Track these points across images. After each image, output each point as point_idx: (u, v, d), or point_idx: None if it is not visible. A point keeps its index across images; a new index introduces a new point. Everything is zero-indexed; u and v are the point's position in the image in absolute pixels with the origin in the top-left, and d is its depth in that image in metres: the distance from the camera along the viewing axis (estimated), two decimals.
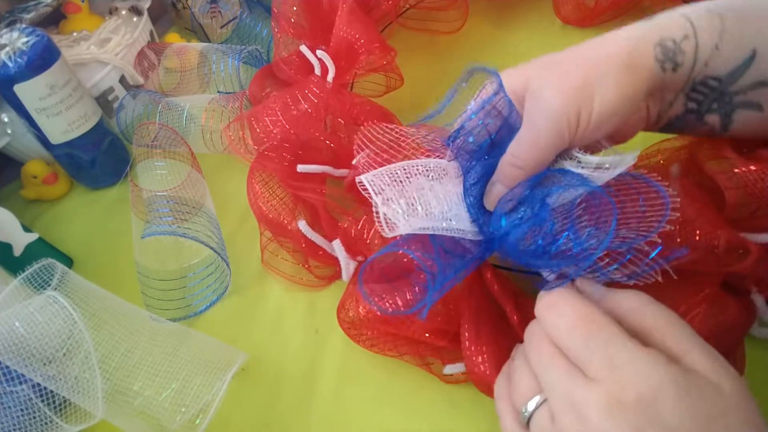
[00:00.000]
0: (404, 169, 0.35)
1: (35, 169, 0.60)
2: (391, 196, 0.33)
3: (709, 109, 0.34)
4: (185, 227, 0.46)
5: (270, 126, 0.48)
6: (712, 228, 0.33)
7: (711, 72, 0.33)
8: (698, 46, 0.32)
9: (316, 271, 0.46)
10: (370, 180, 0.33)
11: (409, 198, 0.33)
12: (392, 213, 0.32)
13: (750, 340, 0.36)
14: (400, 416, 0.40)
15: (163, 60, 0.65)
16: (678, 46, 0.32)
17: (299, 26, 0.56)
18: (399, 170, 0.35)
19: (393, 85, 0.55)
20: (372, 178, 0.34)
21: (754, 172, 0.34)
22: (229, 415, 0.41)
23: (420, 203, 0.33)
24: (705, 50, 0.32)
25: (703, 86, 0.33)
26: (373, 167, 0.37)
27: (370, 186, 0.33)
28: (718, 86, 0.33)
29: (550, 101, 0.31)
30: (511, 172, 0.33)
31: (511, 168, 0.33)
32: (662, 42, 0.32)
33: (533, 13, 0.65)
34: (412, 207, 0.33)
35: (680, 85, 0.33)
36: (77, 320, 0.36)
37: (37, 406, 0.37)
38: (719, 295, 0.34)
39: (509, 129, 0.34)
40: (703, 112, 0.35)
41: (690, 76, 0.33)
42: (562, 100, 0.31)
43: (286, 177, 0.45)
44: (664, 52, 0.32)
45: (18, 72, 0.49)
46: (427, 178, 0.35)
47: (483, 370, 0.34)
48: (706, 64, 0.32)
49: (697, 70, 0.33)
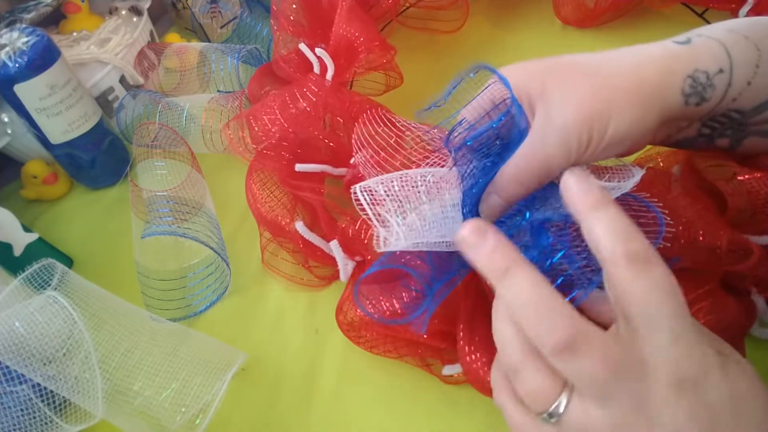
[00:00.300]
0: (401, 179, 0.34)
1: (35, 169, 0.60)
2: (386, 212, 0.32)
3: (722, 134, 0.33)
4: (185, 227, 0.46)
5: (269, 125, 0.48)
6: (714, 229, 0.33)
7: (736, 106, 0.31)
8: (731, 83, 0.30)
9: (316, 271, 0.46)
10: (363, 193, 0.32)
11: (406, 214, 0.32)
12: (387, 231, 0.31)
13: (750, 341, 0.36)
14: (400, 416, 0.39)
15: (163, 60, 0.65)
16: (710, 81, 0.30)
17: (298, 24, 0.56)
18: (396, 181, 0.33)
19: (392, 83, 0.55)
20: (366, 190, 0.32)
21: (758, 179, 0.34)
22: (229, 415, 0.41)
23: (417, 220, 0.32)
24: (737, 87, 0.30)
25: (724, 117, 0.32)
26: (372, 166, 0.37)
27: (363, 199, 0.32)
28: (739, 118, 0.32)
29: (565, 119, 0.30)
30: (510, 186, 0.32)
31: (511, 183, 0.31)
32: (694, 74, 0.30)
33: (533, 14, 0.65)
34: (409, 225, 0.31)
35: (700, 116, 0.32)
36: (77, 320, 0.36)
37: (37, 406, 0.37)
38: (719, 293, 0.34)
39: (513, 132, 0.32)
40: (716, 137, 0.33)
41: (714, 109, 0.31)
42: (578, 120, 0.29)
43: (285, 176, 0.45)
44: (692, 86, 0.30)
45: (18, 72, 0.49)
46: (425, 192, 0.34)
47: (478, 369, 0.34)
48: (734, 100, 0.31)
49: (724, 104, 0.31)
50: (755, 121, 0.32)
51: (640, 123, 0.30)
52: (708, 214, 0.33)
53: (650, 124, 0.31)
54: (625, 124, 0.30)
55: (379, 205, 0.32)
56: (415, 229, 0.31)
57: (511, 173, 0.31)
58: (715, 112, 0.32)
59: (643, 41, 0.33)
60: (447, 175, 0.35)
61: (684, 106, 0.31)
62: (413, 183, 0.34)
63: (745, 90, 0.31)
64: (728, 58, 0.30)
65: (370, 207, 0.32)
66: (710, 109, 0.31)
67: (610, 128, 0.30)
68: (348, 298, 0.42)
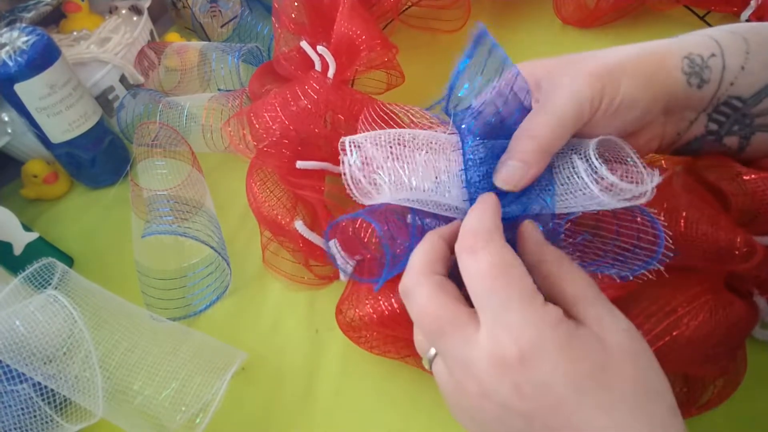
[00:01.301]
0: (394, 136, 0.32)
1: (35, 168, 0.59)
2: (374, 160, 0.31)
3: (729, 131, 0.34)
4: (185, 226, 0.46)
5: (270, 122, 0.48)
6: (717, 224, 0.33)
7: (735, 92, 0.33)
8: (725, 65, 0.32)
9: (316, 270, 0.46)
10: (351, 144, 0.31)
11: (395, 166, 0.31)
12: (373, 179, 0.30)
13: (751, 343, 0.36)
14: (400, 416, 0.39)
15: (164, 59, 0.65)
16: (705, 63, 0.32)
17: (300, 22, 0.56)
18: (386, 136, 0.32)
19: (394, 82, 0.55)
20: (355, 139, 0.31)
21: (764, 179, 0.34)
22: (229, 414, 0.41)
23: (407, 172, 0.31)
24: (732, 70, 0.32)
25: (726, 106, 0.34)
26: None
27: (349, 150, 0.31)
28: (741, 107, 0.33)
29: (577, 78, 0.31)
30: (525, 144, 0.30)
31: (526, 140, 0.31)
32: (690, 56, 0.32)
33: (535, 14, 0.65)
34: (397, 176, 0.30)
35: (704, 103, 0.33)
36: (77, 319, 0.36)
37: (37, 404, 0.37)
38: (724, 291, 0.34)
39: (521, 111, 0.31)
40: (723, 134, 0.35)
41: (715, 95, 0.33)
42: (591, 79, 0.31)
43: (286, 174, 0.45)
44: (691, 66, 0.32)
45: (18, 71, 0.49)
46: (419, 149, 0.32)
47: None
48: (732, 84, 0.33)
49: (723, 89, 0.33)
50: (757, 112, 0.33)
51: (649, 89, 0.31)
52: (711, 210, 0.33)
53: (657, 93, 0.32)
54: (634, 88, 0.31)
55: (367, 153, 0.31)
56: (405, 185, 0.30)
57: (524, 134, 0.31)
58: (717, 99, 0.33)
59: (645, 41, 0.33)
60: (444, 140, 0.34)
61: (687, 86, 0.32)
62: (408, 140, 0.33)
63: (741, 74, 0.32)
64: (718, 46, 0.33)
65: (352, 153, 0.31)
66: (712, 93, 0.33)
67: (621, 89, 0.31)
68: (347, 298, 0.41)
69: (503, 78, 0.30)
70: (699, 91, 0.33)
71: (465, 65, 0.30)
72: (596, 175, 0.29)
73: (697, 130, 0.35)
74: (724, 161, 0.36)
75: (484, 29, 0.29)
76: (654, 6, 0.59)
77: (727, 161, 0.36)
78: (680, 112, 0.34)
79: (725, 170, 0.36)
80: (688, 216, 0.33)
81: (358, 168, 0.30)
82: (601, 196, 0.28)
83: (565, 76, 0.31)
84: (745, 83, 0.33)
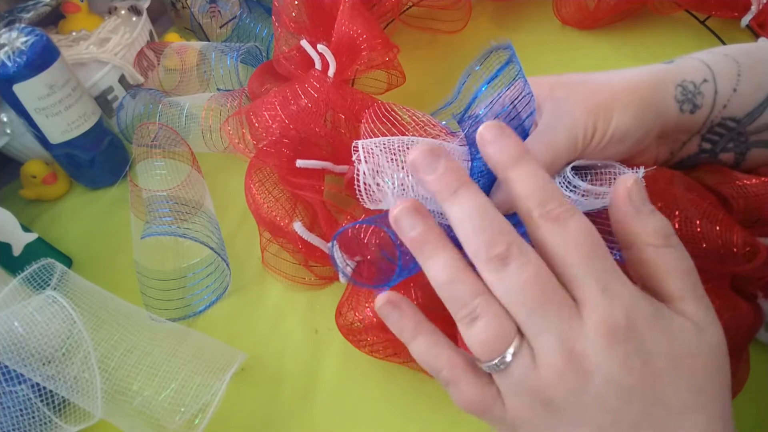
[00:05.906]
0: (404, 144, 0.33)
1: (34, 168, 0.59)
2: (383, 168, 0.31)
3: (724, 148, 0.35)
4: (185, 227, 0.46)
5: (269, 121, 0.48)
6: (717, 223, 0.33)
7: (729, 114, 0.34)
8: (717, 90, 0.33)
9: (316, 271, 0.46)
10: (365, 145, 0.32)
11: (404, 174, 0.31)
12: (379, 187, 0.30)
13: (754, 346, 0.36)
14: (400, 416, 0.39)
15: (163, 59, 0.65)
16: (698, 89, 0.33)
17: (300, 21, 0.56)
18: (397, 144, 0.33)
19: (395, 82, 0.55)
20: (368, 145, 0.32)
21: (765, 183, 0.34)
22: (229, 415, 0.41)
23: (412, 184, 0.31)
24: (724, 94, 0.33)
25: (721, 127, 0.34)
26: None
27: (362, 150, 0.31)
28: (735, 127, 0.34)
29: (573, 111, 0.32)
30: None
31: None
32: (683, 83, 0.33)
33: (535, 15, 0.65)
34: (402, 186, 0.31)
35: (697, 126, 0.34)
36: (76, 320, 0.36)
37: (36, 405, 0.37)
38: (729, 294, 0.34)
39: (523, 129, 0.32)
40: (718, 151, 0.36)
41: (708, 118, 0.34)
42: (585, 112, 0.32)
43: (285, 173, 0.45)
44: (683, 93, 0.33)
45: (17, 72, 0.49)
46: None
47: None
48: (725, 106, 0.34)
49: (716, 112, 0.34)
50: (753, 129, 0.34)
51: (641, 121, 0.33)
52: (711, 208, 0.33)
53: (650, 124, 0.33)
54: (628, 118, 0.32)
55: (377, 161, 0.32)
56: (407, 193, 0.31)
57: None
58: (710, 121, 0.34)
59: (644, 44, 0.34)
60: (455, 150, 0.35)
61: (680, 113, 0.33)
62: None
63: (733, 96, 0.33)
64: (710, 71, 0.34)
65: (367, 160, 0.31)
66: (705, 117, 0.34)
67: (614, 121, 0.32)
68: (347, 300, 0.41)
69: (516, 96, 0.31)
70: (692, 116, 0.34)
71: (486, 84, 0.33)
72: (570, 185, 0.32)
73: (691, 149, 0.36)
74: (722, 169, 0.36)
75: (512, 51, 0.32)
76: (654, 9, 0.59)
77: (724, 169, 0.36)
78: (673, 134, 0.35)
79: (724, 175, 0.36)
80: (682, 214, 0.33)
81: (371, 175, 0.31)
82: (582, 200, 0.31)
83: (563, 112, 0.32)
84: (738, 104, 0.34)
